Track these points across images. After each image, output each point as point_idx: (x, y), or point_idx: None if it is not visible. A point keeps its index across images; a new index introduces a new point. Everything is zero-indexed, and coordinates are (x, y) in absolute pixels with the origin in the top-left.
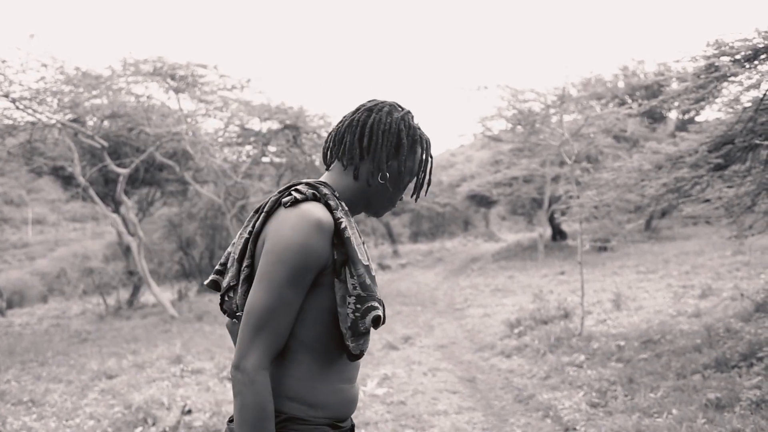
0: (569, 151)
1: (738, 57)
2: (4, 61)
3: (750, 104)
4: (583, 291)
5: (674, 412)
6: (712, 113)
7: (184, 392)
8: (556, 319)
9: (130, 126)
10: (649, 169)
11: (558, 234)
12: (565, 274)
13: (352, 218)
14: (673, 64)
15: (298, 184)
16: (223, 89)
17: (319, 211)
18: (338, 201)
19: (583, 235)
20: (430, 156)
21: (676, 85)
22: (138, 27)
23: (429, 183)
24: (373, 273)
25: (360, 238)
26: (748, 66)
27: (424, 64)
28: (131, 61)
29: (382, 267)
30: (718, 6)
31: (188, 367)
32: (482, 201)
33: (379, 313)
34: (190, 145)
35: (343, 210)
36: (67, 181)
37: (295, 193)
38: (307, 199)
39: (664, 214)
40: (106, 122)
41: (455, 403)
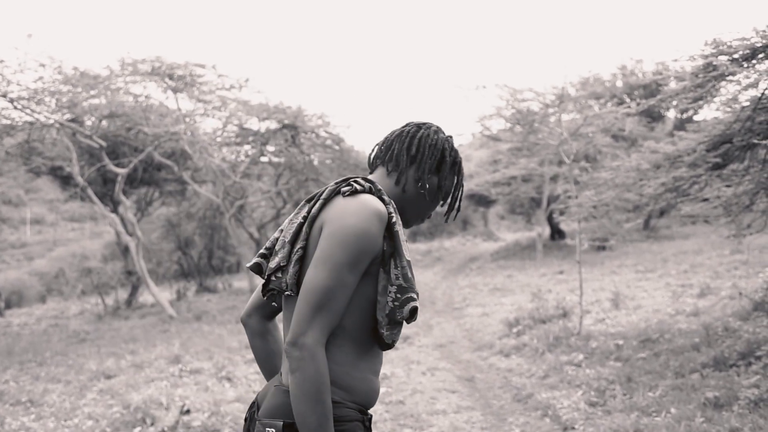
0: (568, 151)
1: (736, 56)
2: (1, 61)
3: (748, 103)
4: (581, 290)
5: (673, 411)
6: (710, 112)
7: (182, 392)
8: (555, 319)
9: (128, 126)
10: (648, 168)
11: (557, 233)
12: (563, 274)
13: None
14: (671, 64)
15: (354, 178)
16: (222, 89)
17: (378, 203)
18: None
19: (581, 235)
20: (462, 183)
21: (674, 85)
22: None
23: (459, 209)
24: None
25: (404, 235)
26: (746, 65)
27: (423, 63)
28: (129, 60)
29: None
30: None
31: (187, 367)
32: (481, 200)
33: (416, 304)
34: (189, 145)
35: (393, 206)
36: (66, 181)
37: (354, 184)
38: (365, 192)
39: (662, 214)
40: (104, 122)
41: (454, 402)
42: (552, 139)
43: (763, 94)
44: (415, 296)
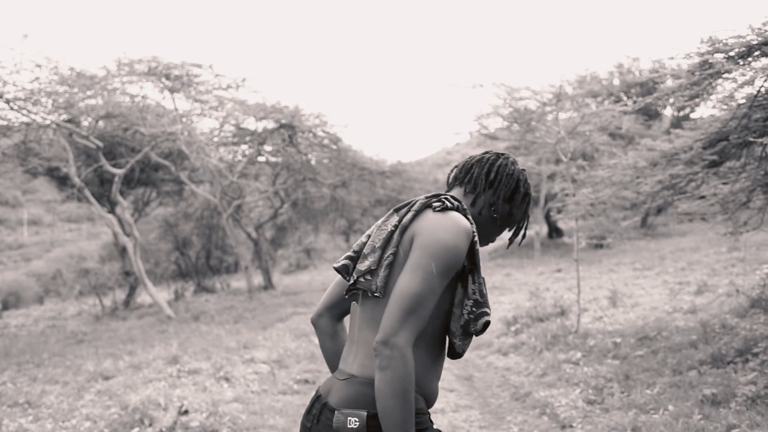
0: (565, 149)
1: (732, 54)
2: None
3: (744, 101)
4: (579, 288)
5: (670, 408)
6: (706, 110)
7: (180, 392)
8: (553, 317)
9: (125, 126)
10: (645, 166)
11: (554, 232)
12: (561, 272)
13: None
14: (667, 62)
15: (443, 195)
16: (219, 89)
17: (466, 221)
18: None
19: (579, 233)
20: (529, 215)
21: (670, 82)
22: (132, 26)
23: (524, 237)
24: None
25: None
26: (742, 63)
27: (420, 62)
28: (126, 61)
29: None
30: (713, 3)
31: (185, 368)
32: None
33: (489, 319)
34: (186, 145)
35: (474, 225)
36: (63, 181)
37: (445, 201)
38: (454, 209)
39: (659, 211)
40: (101, 122)
41: (452, 401)
42: (549, 137)
43: (759, 91)
44: (489, 311)
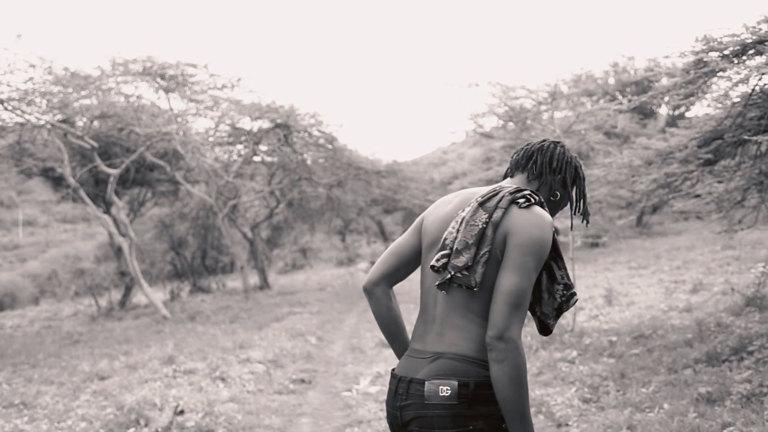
0: None
1: (726, 52)
2: None
3: (739, 99)
4: (575, 287)
5: (666, 406)
6: (701, 109)
7: (176, 393)
8: None
9: (120, 126)
10: (640, 164)
11: None
12: None
13: None
14: (662, 60)
15: (524, 190)
16: (214, 88)
17: (548, 216)
18: None
19: (574, 232)
20: (586, 194)
21: (665, 81)
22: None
23: (588, 215)
24: None
25: None
26: (736, 61)
27: (415, 61)
28: (120, 60)
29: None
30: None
31: (180, 368)
32: None
33: (577, 297)
34: (181, 145)
35: None
36: (58, 182)
37: (529, 197)
38: (536, 204)
39: (655, 210)
40: (95, 123)
41: None
42: (545, 136)
43: (754, 90)
44: (576, 292)
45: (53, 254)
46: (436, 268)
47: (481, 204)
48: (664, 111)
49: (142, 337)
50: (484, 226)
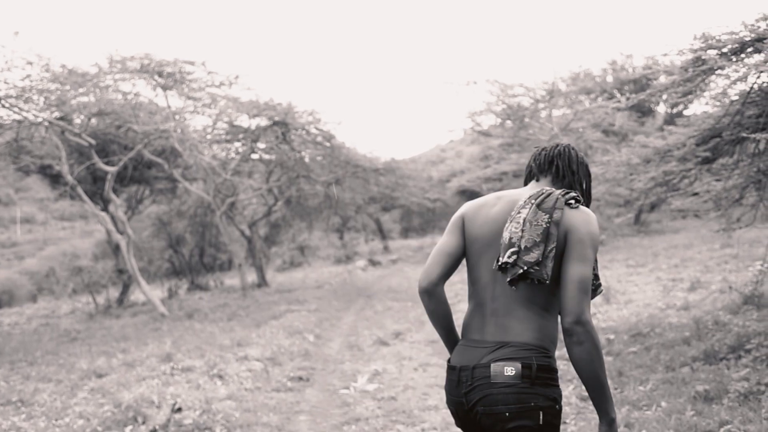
0: None
1: (725, 50)
2: None
3: (737, 97)
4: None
5: (663, 404)
6: (700, 107)
7: (174, 390)
8: None
9: (117, 124)
10: (638, 163)
11: None
12: None
13: None
14: (660, 58)
15: (570, 193)
16: (212, 86)
17: (592, 213)
18: None
19: None
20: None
21: (663, 79)
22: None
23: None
24: None
25: None
26: (734, 59)
27: (413, 59)
28: (118, 58)
29: (373, 263)
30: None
31: (178, 365)
32: (472, 196)
33: (603, 289)
34: (179, 143)
35: None
36: (55, 179)
37: (578, 199)
38: (581, 204)
39: (653, 208)
40: (93, 120)
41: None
42: (542, 134)
43: (752, 88)
44: (601, 282)
45: (51, 252)
46: (507, 264)
47: (538, 206)
48: (662, 109)
49: (139, 334)
50: (548, 225)
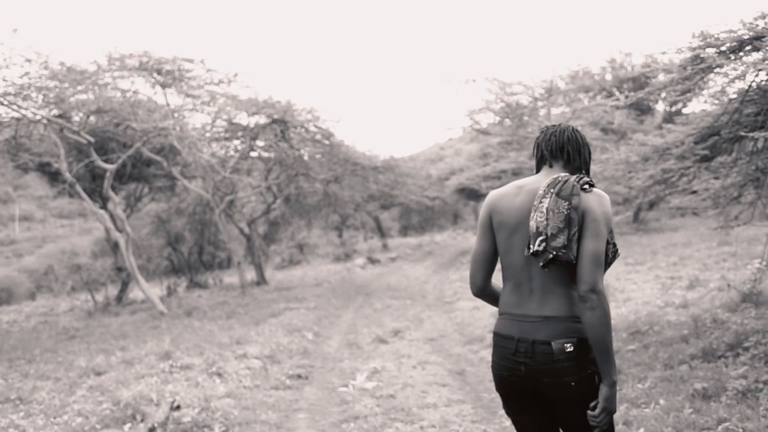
0: None
1: (723, 48)
2: None
3: (736, 96)
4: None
5: (661, 402)
6: (698, 105)
7: (172, 388)
8: None
9: (116, 121)
10: (637, 161)
11: None
12: None
13: None
14: (659, 56)
15: (584, 178)
16: (210, 84)
17: (605, 193)
18: None
19: None
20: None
21: (662, 77)
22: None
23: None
24: None
25: None
26: (733, 57)
27: (413, 57)
28: (117, 55)
29: (372, 261)
30: None
31: (177, 363)
32: (471, 194)
33: (619, 254)
34: (178, 140)
35: None
36: (54, 177)
37: (591, 182)
38: (593, 186)
39: (651, 206)
40: (92, 118)
41: (444, 395)
42: None
43: (751, 86)
44: (618, 248)
45: (50, 249)
46: (538, 252)
47: (557, 194)
48: (661, 107)
49: (138, 332)
50: (568, 211)
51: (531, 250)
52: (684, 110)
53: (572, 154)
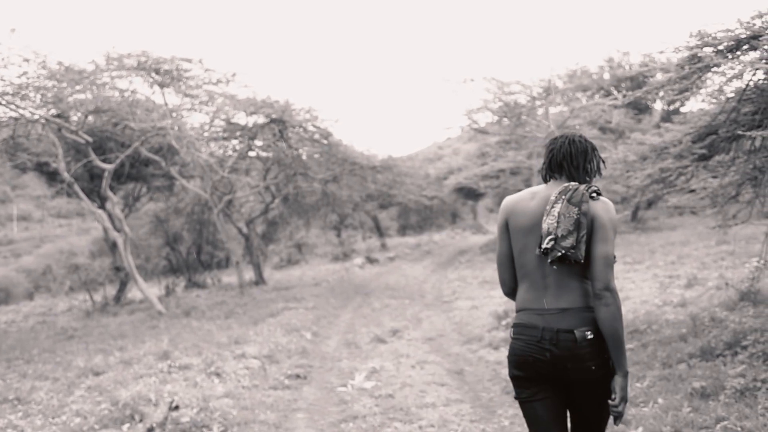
0: None
1: (721, 48)
2: None
3: (733, 95)
4: None
5: (660, 401)
6: (696, 104)
7: (171, 388)
8: None
9: (114, 121)
10: (635, 160)
11: None
12: None
13: None
14: (657, 56)
15: (592, 186)
16: (209, 83)
17: (609, 201)
18: None
19: None
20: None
21: (660, 76)
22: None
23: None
24: None
25: None
26: (730, 56)
27: (410, 56)
28: (115, 55)
29: (370, 260)
30: None
31: (175, 363)
32: (469, 193)
33: (616, 259)
34: (176, 140)
35: None
36: (52, 177)
37: (599, 191)
38: (601, 194)
39: (650, 205)
40: (90, 117)
41: (443, 395)
42: (539, 131)
43: (748, 85)
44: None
45: (48, 249)
46: (547, 249)
47: (569, 200)
48: (658, 106)
49: (136, 332)
50: (578, 216)
51: (541, 249)
52: (682, 109)
53: (584, 163)
